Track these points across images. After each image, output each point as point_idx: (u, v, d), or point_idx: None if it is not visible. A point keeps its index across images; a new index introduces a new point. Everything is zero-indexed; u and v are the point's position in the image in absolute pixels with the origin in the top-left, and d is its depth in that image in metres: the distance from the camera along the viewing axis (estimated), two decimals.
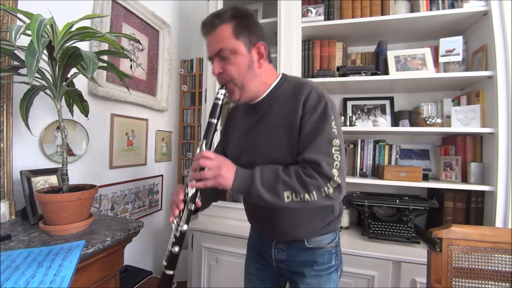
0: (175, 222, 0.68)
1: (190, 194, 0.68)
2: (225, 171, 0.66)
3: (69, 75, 0.92)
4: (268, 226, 0.83)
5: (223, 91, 0.74)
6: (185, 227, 0.67)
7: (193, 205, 0.68)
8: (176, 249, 0.66)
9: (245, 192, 0.67)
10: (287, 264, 0.82)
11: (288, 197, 0.64)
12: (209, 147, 0.72)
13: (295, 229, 0.78)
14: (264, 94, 0.78)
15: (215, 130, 0.74)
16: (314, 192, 0.64)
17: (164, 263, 0.67)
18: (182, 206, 0.69)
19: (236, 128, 0.87)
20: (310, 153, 0.67)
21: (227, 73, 0.72)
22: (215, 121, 0.73)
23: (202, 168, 0.67)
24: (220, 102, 0.74)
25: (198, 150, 0.71)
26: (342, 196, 0.68)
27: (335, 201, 0.67)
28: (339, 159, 0.67)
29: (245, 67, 0.72)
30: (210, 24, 0.71)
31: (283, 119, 0.73)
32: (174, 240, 0.67)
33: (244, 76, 0.72)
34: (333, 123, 0.69)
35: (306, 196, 0.64)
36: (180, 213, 0.68)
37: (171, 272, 0.67)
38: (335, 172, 0.65)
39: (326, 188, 0.64)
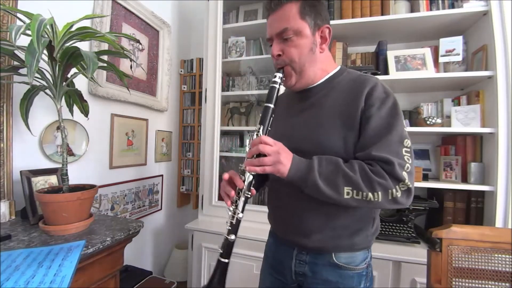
0: (231, 209, 0.65)
1: (247, 182, 0.64)
2: (284, 157, 0.61)
3: (69, 75, 0.92)
4: (294, 224, 0.73)
5: (280, 75, 0.69)
6: (241, 215, 0.65)
7: (250, 193, 0.66)
8: (232, 237, 0.65)
9: (301, 181, 0.61)
10: (308, 280, 0.72)
11: (348, 193, 0.58)
12: (265, 132, 0.67)
13: (326, 234, 0.68)
14: (320, 81, 0.73)
15: (272, 115, 0.68)
16: (379, 193, 0.58)
17: (220, 250, 0.66)
18: (234, 193, 0.65)
19: (280, 114, 0.78)
20: (381, 151, 0.60)
21: (286, 55, 0.68)
22: (272, 106, 0.67)
23: (259, 155, 0.62)
24: (277, 86, 0.69)
25: (254, 136, 0.66)
26: (409, 202, 0.60)
27: (401, 206, 0.60)
28: (410, 161, 0.61)
29: (307, 50, 0.67)
30: (276, 2, 0.67)
31: (339, 108, 0.67)
32: (230, 227, 0.65)
33: (304, 60, 0.68)
34: (404, 123, 0.64)
35: (370, 195, 0.58)
36: (236, 200, 0.65)
37: (226, 260, 0.65)
38: (405, 175, 0.59)
39: (394, 190, 0.58)
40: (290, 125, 0.76)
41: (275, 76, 0.69)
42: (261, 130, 0.66)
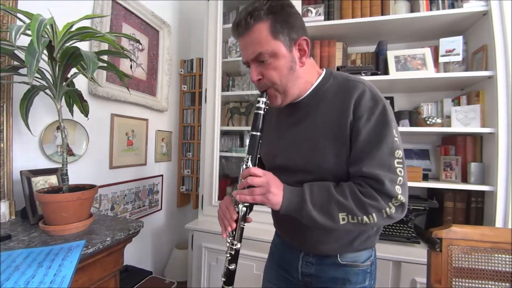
0: (229, 240, 0.68)
1: (241, 214, 0.66)
2: (274, 188, 0.61)
3: (69, 75, 0.92)
4: (299, 237, 0.75)
5: (264, 99, 0.67)
6: (239, 245, 0.67)
7: (244, 223, 0.68)
8: (233, 266, 0.68)
9: (295, 213, 0.61)
10: (315, 279, 0.74)
11: (343, 219, 0.58)
12: (254, 163, 0.67)
13: (329, 244, 0.70)
14: (307, 93, 0.70)
15: (259, 143, 0.67)
16: (374, 214, 0.58)
17: (223, 279, 0.69)
18: (234, 225, 0.67)
19: (271, 128, 0.79)
20: (370, 167, 0.59)
21: (267, 79, 0.65)
22: (258, 134, 0.67)
23: (250, 186, 0.63)
24: (262, 112, 0.67)
25: (244, 167, 0.66)
26: (404, 214, 0.60)
27: (396, 220, 0.60)
28: (402, 173, 0.59)
29: (286, 70, 0.64)
30: (244, 25, 0.62)
31: (329, 122, 0.65)
32: (230, 257, 0.68)
33: (286, 80, 0.65)
34: (394, 130, 0.61)
35: (365, 218, 0.58)
36: (233, 232, 0.67)
37: None
38: (398, 189, 0.58)
39: (388, 209, 0.58)
40: (278, 142, 0.75)
41: (259, 102, 0.67)
42: (250, 161, 0.66)
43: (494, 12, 1.22)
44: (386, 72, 1.46)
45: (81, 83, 1.20)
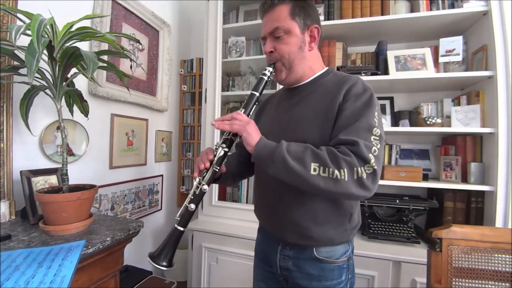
0: (197, 179, 0.69)
1: (218, 156, 0.70)
2: (251, 130, 0.67)
3: (69, 75, 0.92)
4: (277, 217, 0.77)
5: (270, 69, 0.76)
6: (205, 187, 0.68)
7: (218, 168, 0.69)
8: (192, 206, 0.67)
9: (268, 157, 0.63)
10: (292, 274, 0.76)
11: (315, 169, 0.59)
12: (247, 115, 0.74)
13: (305, 227, 0.71)
14: (308, 80, 0.78)
15: (255, 102, 0.75)
16: (345, 169, 0.58)
17: (177, 218, 0.68)
18: (208, 165, 0.70)
19: (271, 110, 0.87)
20: (346, 134, 0.62)
21: (278, 52, 0.74)
22: (257, 94, 0.75)
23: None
24: (265, 78, 0.76)
25: None
26: (375, 188, 0.60)
27: (367, 191, 0.59)
28: (378, 147, 0.61)
29: (296, 47, 0.73)
30: (269, 3, 0.74)
31: (321, 105, 0.71)
32: (192, 197, 0.68)
33: (294, 56, 0.74)
34: (376, 113, 0.66)
35: (336, 172, 0.58)
36: (204, 172, 0.69)
37: (182, 229, 0.67)
38: (371, 157, 0.59)
39: (360, 169, 0.58)
40: (277, 121, 0.81)
41: (266, 69, 0.76)
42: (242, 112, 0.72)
43: (494, 12, 1.22)
44: (386, 72, 1.46)
45: (81, 83, 1.20)
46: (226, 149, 0.71)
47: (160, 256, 0.64)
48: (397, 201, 1.37)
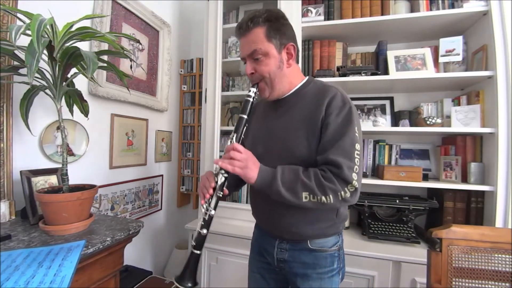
0: (204, 206, 0.74)
1: (219, 182, 0.74)
2: (251, 164, 0.72)
3: (69, 75, 0.92)
4: (273, 222, 0.84)
5: (254, 89, 0.80)
6: (213, 212, 0.73)
7: (221, 192, 0.75)
8: (204, 231, 0.73)
9: (266, 187, 0.72)
10: (288, 264, 0.83)
11: (306, 197, 0.69)
12: (239, 140, 0.77)
13: (300, 228, 0.79)
14: (289, 92, 0.83)
15: (245, 125, 0.79)
16: (330, 196, 0.68)
17: (193, 243, 0.74)
18: (211, 192, 0.74)
19: (257, 120, 0.92)
20: (333, 155, 0.70)
21: (259, 73, 0.78)
22: (245, 117, 0.79)
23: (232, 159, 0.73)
24: (251, 100, 0.80)
25: (229, 143, 0.77)
26: (357, 199, 0.72)
27: (350, 203, 0.72)
28: (358, 163, 0.71)
29: (275, 67, 0.77)
30: (245, 27, 0.77)
31: (305, 115, 0.77)
32: (203, 223, 0.73)
33: (274, 76, 0.78)
34: (356, 127, 0.74)
35: (323, 198, 0.68)
36: (209, 199, 0.74)
37: (198, 252, 0.73)
38: (354, 176, 0.69)
39: (343, 192, 0.69)
40: (264, 130, 0.87)
41: (250, 91, 0.80)
42: (234, 138, 0.77)
43: (494, 12, 1.22)
44: (386, 72, 1.46)
45: (81, 83, 1.20)
46: (226, 175, 0.75)
47: (184, 278, 0.71)
48: (397, 201, 1.37)
